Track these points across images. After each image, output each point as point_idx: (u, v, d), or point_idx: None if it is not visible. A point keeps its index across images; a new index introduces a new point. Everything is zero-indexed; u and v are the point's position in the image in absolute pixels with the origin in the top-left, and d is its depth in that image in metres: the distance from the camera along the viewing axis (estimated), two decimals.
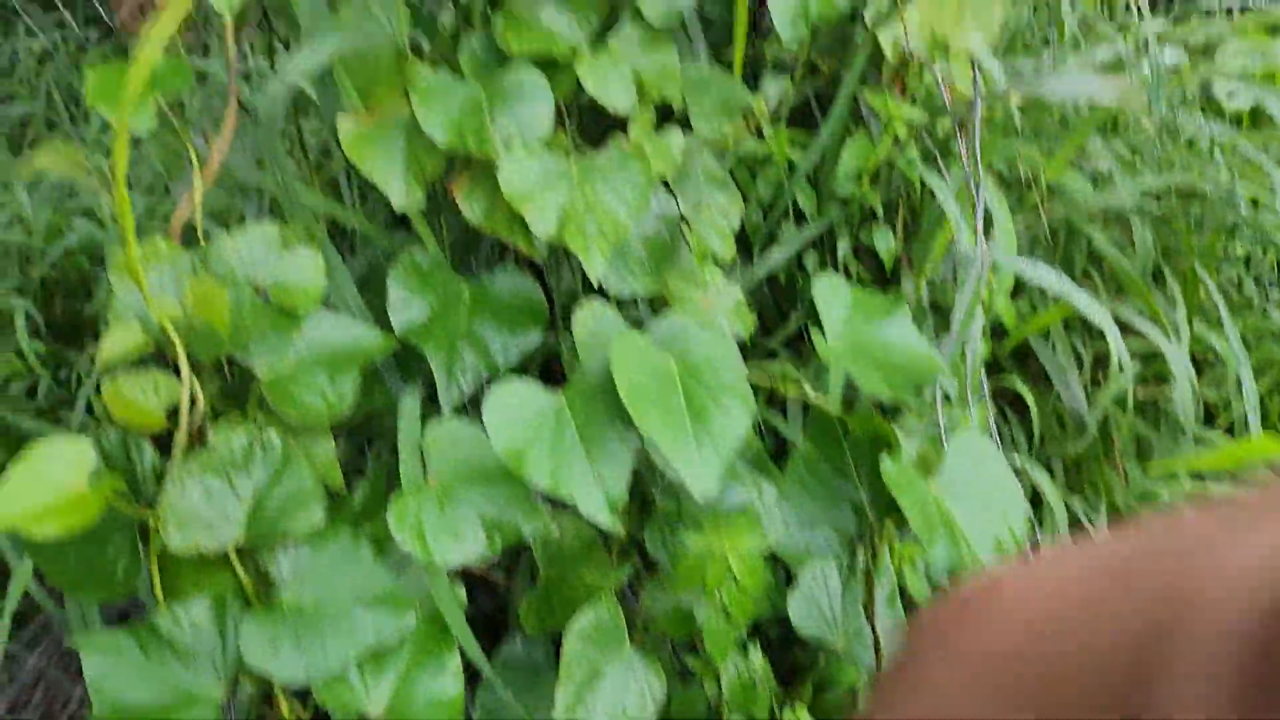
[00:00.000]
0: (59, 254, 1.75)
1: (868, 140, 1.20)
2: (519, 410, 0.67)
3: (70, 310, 1.90)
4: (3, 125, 2.57)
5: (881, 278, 1.39)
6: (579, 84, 0.83)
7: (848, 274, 1.35)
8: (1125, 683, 0.15)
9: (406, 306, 0.81)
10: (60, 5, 3.36)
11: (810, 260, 1.34)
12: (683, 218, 0.90)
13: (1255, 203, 1.31)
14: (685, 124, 0.93)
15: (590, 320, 0.80)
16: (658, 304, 0.95)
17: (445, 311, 0.82)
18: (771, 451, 1.05)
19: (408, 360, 0.86)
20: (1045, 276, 0.90)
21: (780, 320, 1.40)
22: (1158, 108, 1.07)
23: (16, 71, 2.97)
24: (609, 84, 0.80)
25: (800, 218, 1.31)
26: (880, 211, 1.27)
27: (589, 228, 0.75)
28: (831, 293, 0.72)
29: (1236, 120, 1.37)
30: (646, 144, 0.80)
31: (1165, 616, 0.15)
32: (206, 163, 0.78)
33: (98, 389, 1.71)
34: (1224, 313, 1.26)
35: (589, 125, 0.95)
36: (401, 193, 0.79)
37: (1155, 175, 1.27)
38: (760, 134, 1.03)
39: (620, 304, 0.91)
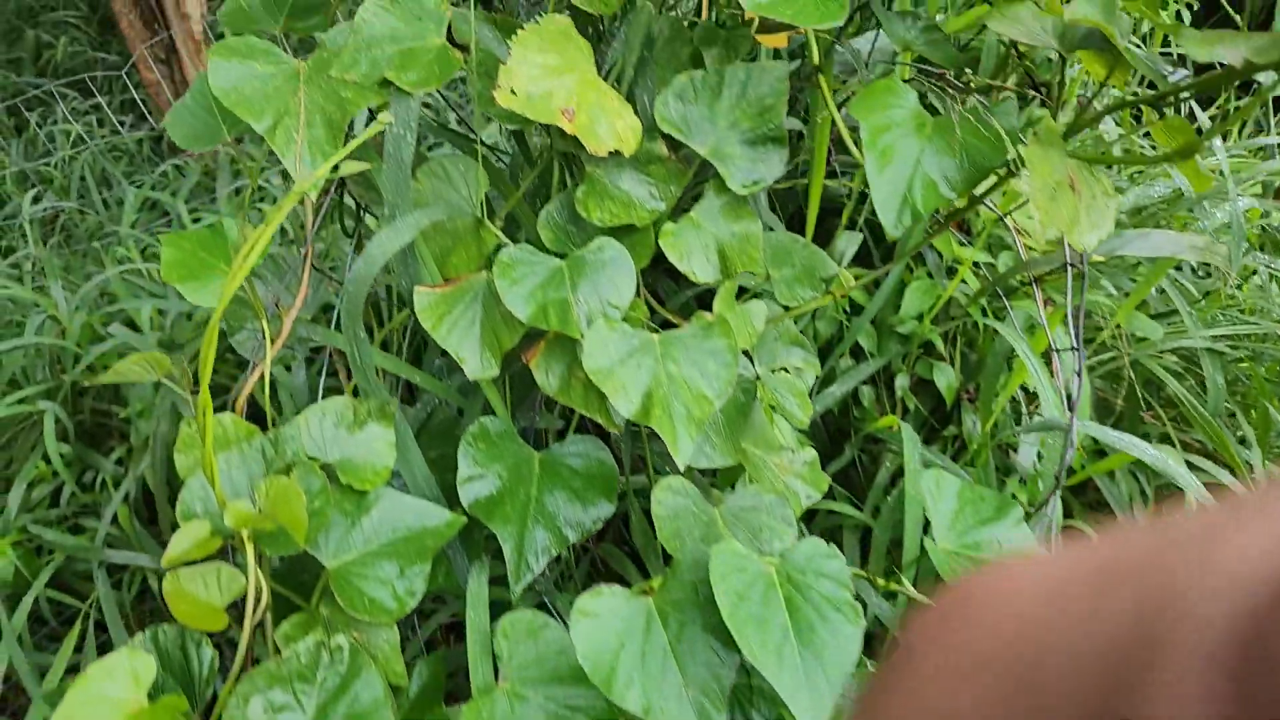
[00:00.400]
0: (93, 358, 1.72)
1: (930, 281, 1.18)
2: (607, 623, 0.63)
3: (99, 411, 1.87)
4: (34, 214, 2.58)
5: (939, 410, 1.36)
6: (657, 249, 0.81)
7: (904, 409, 1.32)
8: (1114, 683, 0.15)
9: (476, 480, 0.77)
10: (95, 91, 3.43)
11: (865, 394, 1.31)
12: (757, 378, 0.87)
13: None
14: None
15: (670, 498, 0.77)
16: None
17: (515, 484, 0.78)
18: None
19: (469, 529, 0.82)
20: (1132, 445, 0.87)
21: (834, 452, 1.36)
22: (1238, 257, 1.05)
23: (52, 157, 3.01)
24: (692, 255, 0.78)
25: (857, 351, 1.29)
26: (941, 346, 1.25)
27: (675, 408, 0.72)
28: (937, 488, 0.68)
29: None
30: (729, 315, 0.77)
31: (1154, 616, 0.14)
32: (277, 332, 0.76)
33: (125, 499, 1.66)
34: None
35: (657, 282, 0.93)
36: (477, 365, 0.77)
37: (1224, 313, 1.25)
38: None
39: None
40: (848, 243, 0.93)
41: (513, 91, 0.69)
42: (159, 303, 1.75)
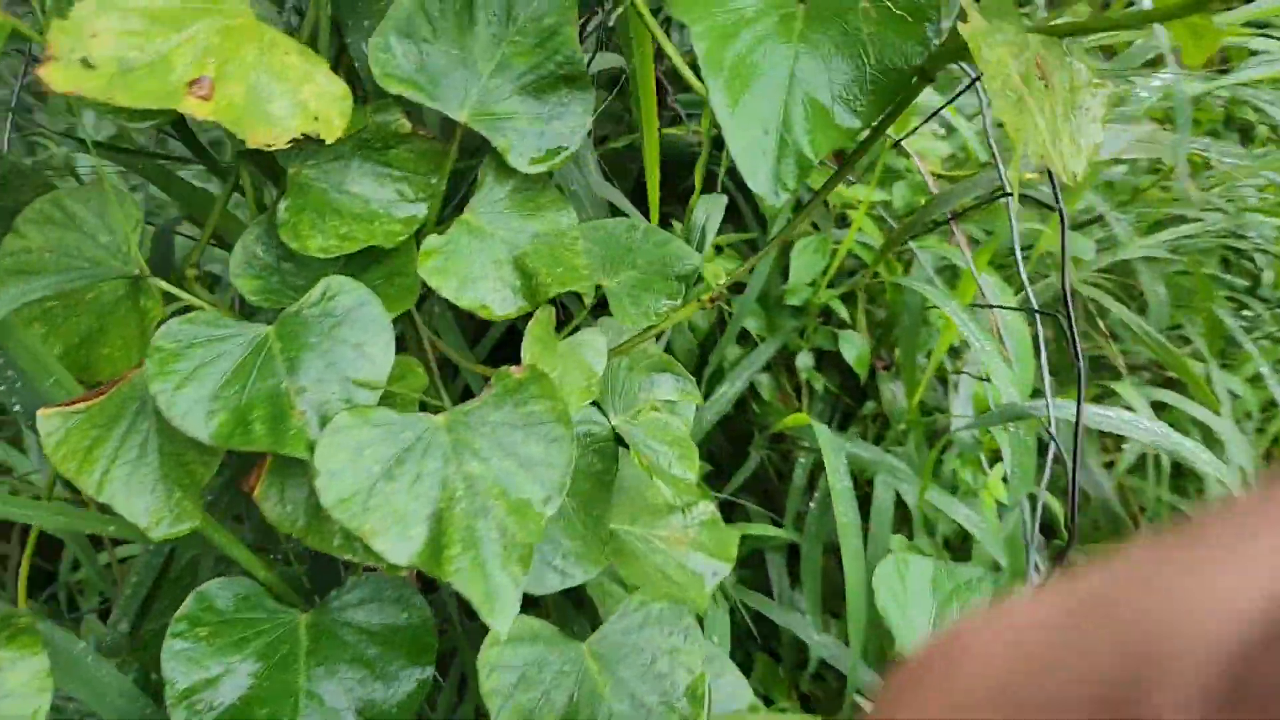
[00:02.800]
0: None
1: (819, 236, 0.94)
2: None
3: None
4: None
5: (851, 384, 1.13)
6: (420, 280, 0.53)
7: (811, 391, 1.09)
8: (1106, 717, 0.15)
9: (199, 692, 0.48)
10: None
11: (764, 384, 1.07)
12: (614, 429, 0.60)
13: None
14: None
15: (509, 656, 0.50)
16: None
17: (270, 680, 0.50)
18: None
19: None
20: (1134, 427, 0.65)
21: (738, 458, 1.12)
22: (1183, 154, 0.85)
23: None
24: (476, 281, 0.50)
25: (744, 335, 1.04)
26: (843, 311, 1.01)
27: (485, 538, 0.45)
28: (903, 583, 0.44)
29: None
30: (548, 362, 0.50)
31: (1145, 654, 0.14)
32: None
33: None
34: (1256, 355, 1.06)
35: (439, 324, 0.65)
36: (165, 522, 0.47)
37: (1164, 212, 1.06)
38: None
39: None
40: (709, 209, 0.67)
41: (86, 62, 0.39)
42: None
